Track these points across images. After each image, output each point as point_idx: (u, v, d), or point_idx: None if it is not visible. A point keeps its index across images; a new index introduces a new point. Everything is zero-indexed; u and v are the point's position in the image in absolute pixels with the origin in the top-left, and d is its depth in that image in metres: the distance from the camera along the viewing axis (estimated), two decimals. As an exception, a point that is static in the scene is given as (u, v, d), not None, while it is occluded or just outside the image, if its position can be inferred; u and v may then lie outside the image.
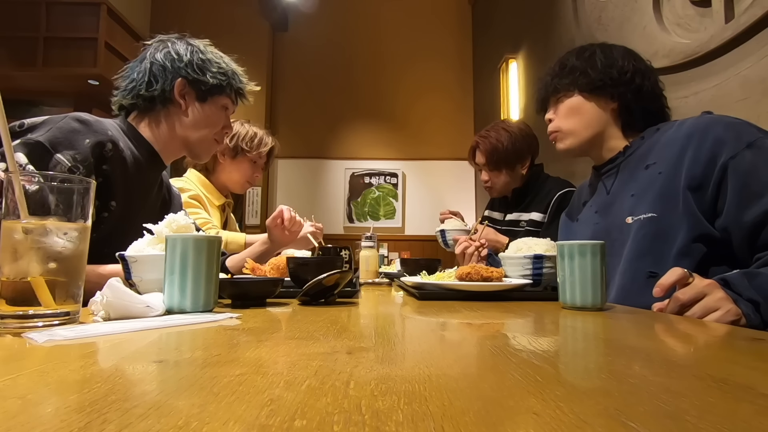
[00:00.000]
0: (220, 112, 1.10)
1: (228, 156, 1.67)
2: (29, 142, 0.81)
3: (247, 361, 0.34)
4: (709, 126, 0.84)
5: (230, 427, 0.21)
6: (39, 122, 0.85)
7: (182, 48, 1.04)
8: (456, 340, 0.48)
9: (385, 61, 4.83)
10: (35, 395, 0.26)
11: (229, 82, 1.08)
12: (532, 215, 1.60)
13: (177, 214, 0.71)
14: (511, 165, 1.64)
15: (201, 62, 1.04)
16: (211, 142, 1.11)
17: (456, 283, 0.87)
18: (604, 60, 1.00)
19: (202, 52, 1.05)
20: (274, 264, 1.04)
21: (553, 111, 1.08)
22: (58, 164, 0.83)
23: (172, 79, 1.01)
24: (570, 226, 1.14)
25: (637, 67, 0.99)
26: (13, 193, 0.47)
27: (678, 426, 0.22)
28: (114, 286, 0.53)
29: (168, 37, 1.07)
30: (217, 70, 1.06)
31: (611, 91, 0.99)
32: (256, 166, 1.74)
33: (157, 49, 1.04)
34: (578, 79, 1.02)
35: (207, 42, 1.10)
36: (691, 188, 0.82)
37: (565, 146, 1.06)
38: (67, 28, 3.58)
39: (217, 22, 4.31)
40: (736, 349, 0.43)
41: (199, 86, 1.04)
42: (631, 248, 0.88)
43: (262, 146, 1.71)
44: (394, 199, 4.74)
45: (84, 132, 0.87)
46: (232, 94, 1.11)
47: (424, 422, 0.21)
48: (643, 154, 0.95)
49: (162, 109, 1.03)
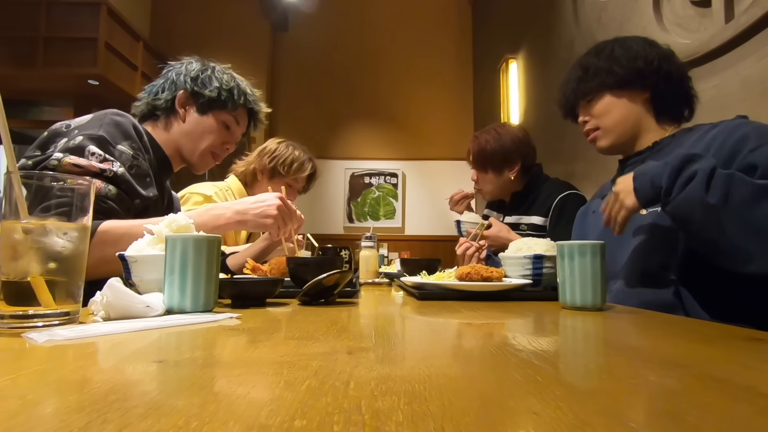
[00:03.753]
0: (218, 127, 1.14)
1: (266, 176, 1.69)
2: (94, 137, 0.89)
3: (247, 361, 0.34)
4: (739, 126, 0.84)
5: (230, 427, 0.21)
6: (86, 121, 0.93)
7: (193, 66, 1.13)
8: (456, 340, 0.48)
9: (385, 62, 4.83)
10: (35, 395, 0.25)
11: (231, 98, 1.13)
12: (532, 219, 1.58)
13: (177, 215, 0.71)
14: (497, 167, 1.61)
15: (205, 78, 1.12)
16: (206, 154, 1.14)
17: (456, 283, 0.87)
18: (625, 54, 0.99)
19: (209, 70, 1.13)
20: (275, 264, 1.04)
21: (586, 114, 1.07)
22: (122, 153, 0.92)
23: (176, 90, 1.10)
24: (585, 219, 1.14)
25: (661, 54, 0.99)
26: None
27: (678, 426, 0.22)
28: (114, 286, 0.52)
29: (189, 59, 1.16)
30: (218, 86, 1.11)
31: (641, 83, 0.98)
32: (292, 189, 1.74)
33: (174, 67, 1.14)
34: (606, 80, 1.01)
35: (227, 66, 1.18)
36: None
37: (607, 143, 1.05)
38: (67, 28, 3.58)
39: (218, 22, 4.32)
40: (736, 349, 0.43)
41: (199, 99, 1.11)
42: (643, 239, 0.88)
43: (301, 171, 1.72)
44: (394, 199, 4.74)
45: (130, 125, 0.97)
46: (236, 112, 1.15)
47: (424, 422, 0.21)
48: (671, 151, 0.94)
49: (166, 117, 1.11)
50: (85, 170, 0.85)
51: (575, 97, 1.08)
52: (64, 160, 0.84)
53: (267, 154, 1.70)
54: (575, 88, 1.07)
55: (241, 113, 1.18)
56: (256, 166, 1.70)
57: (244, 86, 1.17)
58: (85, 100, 3.77)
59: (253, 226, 0.97)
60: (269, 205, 0.97)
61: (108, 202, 0.88)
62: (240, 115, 1.18)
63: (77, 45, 3.57)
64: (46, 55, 3.56)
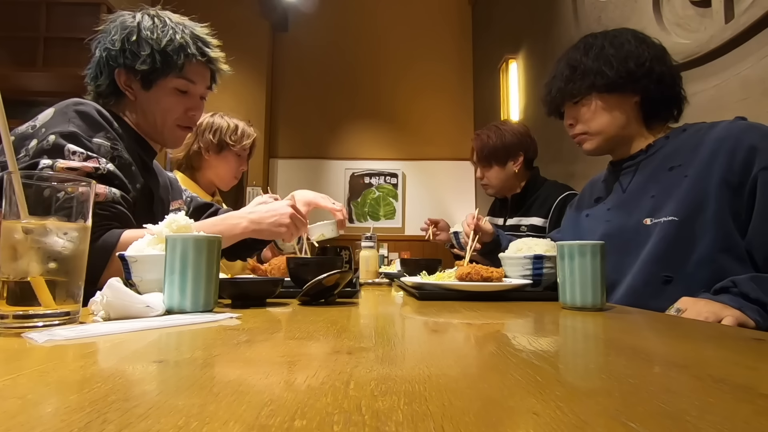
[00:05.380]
0: (172, 97, 0.98)
1: (213, 151, 1.61)
2: (66, 134, 0.82)
3: (247, 361, 0.34)
4: (745, 132, 0.81)
5: (230, 427, 0.21)
6: (50, 116, 0.86)
7: (118, 32, 0.94)
8: (456, 340, 0.48)
9: (385, 62, 4.83)
10: (35, 395, 0.26)
11: (170, 61, 0.94)
12: (532, 220, 1.60)
13: (177, 215, 0.71)
14: (500, 160, 1.65)
15: (132, 46, 0.92)
16: (173, 128, 1.01)
17: (456, 283, 0.87)
18: (616, 54, 0.94)
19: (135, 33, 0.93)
20: (275, 264, 1.04)
21: (573, 116, 1.03)
22: (101, 146, 0.85)
23: (112, 70, 0.95)
24: (578, 221, 1.10)
25: (653, 54, 0.94)
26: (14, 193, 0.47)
27: (678, 426, 0.22)
28: (114, 286, 0.52)
29: (113, 16, 0.98)
30: (149, 52, 0.92)
31: (632, 86, 0.94)
32: (241, 159, 1.68)
33: (99, 40, 0.97)
34: (595, 81, 0.96)
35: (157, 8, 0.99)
36: (726, 197, 0.79)
37: (593, 146, 1.02)
38: (67, 28, 3.58)
39: (217, 22, 4.26)
40: (736, 349, 0.43)
41: (136, 75, 0.94)
42: (649, 251, 0.86)
43: (246, 138, 1.65)
44: (394, 199, 4.74)
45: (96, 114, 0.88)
46: (184, 71, 0.97)
47: (424, 422, 0.21)
48: (667, 155, 0.92)
49: (116, 99, 0.98)
50: (80, 172, 0.80)
51: (561, 98, 1.04)
52: (56, 165, 0.78)
53: (207, 130, 1.60)
54: (562, 89, 1.02)
55: (193, 69, 0.98)
56: (201, 146, 1.60)
57: (181, 36, 0.95)
58: (85, 100, 3.76)
59: (268, 234, 0.96)
60: (282, 213, 0.96)
61: (117, 207, 0.84)
62: (191, 72, 0.98)
63: (77, 45, 3.55)
64: (46, 55, 3.56)
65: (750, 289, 0.68)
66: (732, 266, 0.77)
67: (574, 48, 1.03)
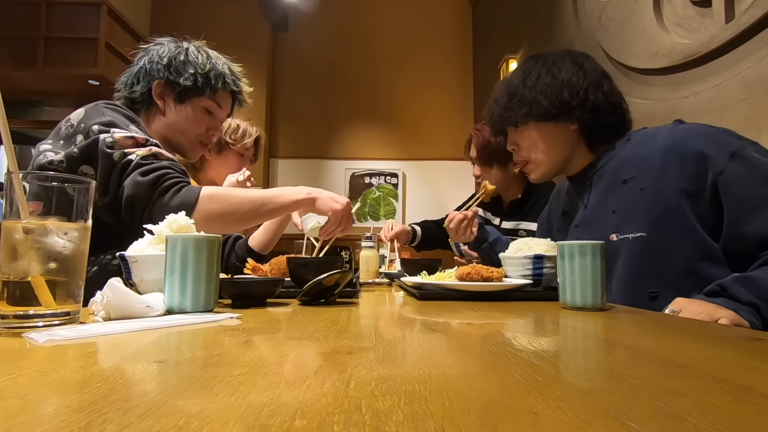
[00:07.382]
0: (200, 114, 1.10)
1: (213, 151, 1.63)
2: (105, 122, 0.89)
3: (247, 361, 0.34)
4: (688, 140, 0.82)
5: (230, 427, 0.21)
6: (83, 114, 0.92)
7: (166, 50, 1.06)
8: (456, 340, 0.48)
9: (385, 62, 4.83)
10: (35, 395, 0.26)
11: (209, 83, 1.07)
12: (531, 225, 1.57)
13: (177, 215, 0.71)
14: (502, 162, 1.61)
15: (178, 64, 1.05)
16: (194, 143, 1.12)
17: (456, 283, 0.87)
18: (551, 84, 0.95)
19: (183, 54, 1.06)
20: (275, 264, 1.04)
21: (514, 141, 1.05)
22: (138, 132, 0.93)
23: (150, 81, 1.05)
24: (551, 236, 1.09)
25: (588, 81, 0.94)
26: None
27: (678, 426, 0.22)
28: (114, 286, 0.52)
29: (161, 40, 1.09)
30: (193, 72, 1.05)
31: (567, 116, 0.95)
32: (244, 158, 1.69)
33: (146, 52, 1.08)
34: (531, 110, 0.97)
35: (202, 43, 1.11)
36: (687, 205, 0.79)
37: (538, 175, 1.04)
38: (67, 28, 3.58)
39: (218, 22, 4.31)
40: (736, 349, 0.43)
41: (175, 88, 1.06)
42: (625, 268, 0.86)
43: (246, 137, 1.66)
44: (394, 199, 4.74)
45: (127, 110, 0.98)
46: (216, 96, 1.10)
47: (424, 422, 0.21)
48: (617, 168, 0.93)
49: (146, 109, 1.07)
50: (135, 141, 0.88)
51: (501, 124, 1.06)
52: (115, 135, 0.86)
53: None
54: (501, 115, 1.04)
55: (223, 96, 1.13)
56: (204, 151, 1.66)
57: (221, 67, 1.10)
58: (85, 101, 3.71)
59: (323, 203, 1.01)
60: (340, 200, 1.03)
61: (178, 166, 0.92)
62: (221, 98, 1.12)
63: (77, 45, 3.57)
64: (47, 55, 3.56)
65: (740, 294, 0.68)
66: (714, 272, 0.77)
67: (515, 72, 1.05)
